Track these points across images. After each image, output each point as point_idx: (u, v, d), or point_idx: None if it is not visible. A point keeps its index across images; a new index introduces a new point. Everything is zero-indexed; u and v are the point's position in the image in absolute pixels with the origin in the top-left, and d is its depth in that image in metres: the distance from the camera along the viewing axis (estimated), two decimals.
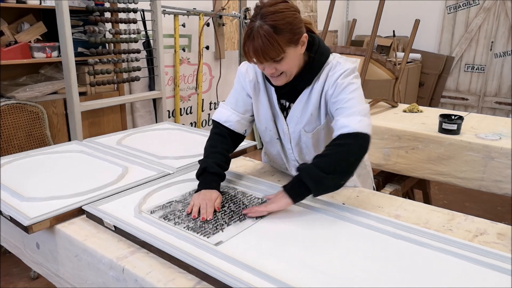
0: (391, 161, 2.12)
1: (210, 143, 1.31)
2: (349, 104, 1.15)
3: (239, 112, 1.33)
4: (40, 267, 1.24)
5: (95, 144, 1.72)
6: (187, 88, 3.48)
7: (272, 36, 1.06)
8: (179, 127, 2.01)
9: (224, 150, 1.28)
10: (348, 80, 1.16)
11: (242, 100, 1.33)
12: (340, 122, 1.14)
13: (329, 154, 1.10)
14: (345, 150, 1.10)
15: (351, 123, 1.12)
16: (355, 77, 1.18)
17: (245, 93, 1.32)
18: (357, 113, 1.13)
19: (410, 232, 1.03)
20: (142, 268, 0.93)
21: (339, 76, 1.16)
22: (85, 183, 1.32)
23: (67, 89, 2.41)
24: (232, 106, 1.34)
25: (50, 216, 1.10)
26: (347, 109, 1.15)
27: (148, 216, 1.11)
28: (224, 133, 1.31)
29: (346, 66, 1.17)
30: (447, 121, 1.95)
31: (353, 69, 1.18)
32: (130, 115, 3.15)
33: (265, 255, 0.94)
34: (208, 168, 1.21)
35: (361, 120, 1.12)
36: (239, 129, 1.33)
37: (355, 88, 1.16)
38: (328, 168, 1.06)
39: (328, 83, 1.18)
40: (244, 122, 1.34)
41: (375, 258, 0.93)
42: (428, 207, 1.24)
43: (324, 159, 1.09)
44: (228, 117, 1.32)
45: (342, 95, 1.16)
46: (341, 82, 1.16)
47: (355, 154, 1.11)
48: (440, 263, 0.92)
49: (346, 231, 1.05)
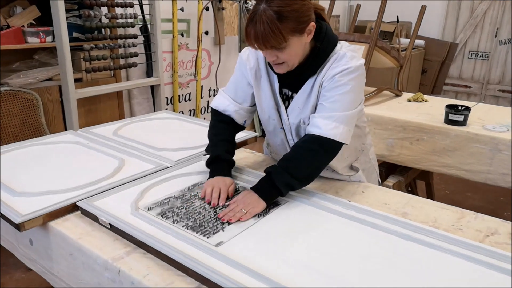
0: (395, 152, 2.07)
1: (215, 131, 1.29)
2: (332, 106, 1.10)
3: (238, 102, 1.28)
4: (34, 264, 1.20)
5: (91, 135, 1.66)
6: (186, 75, 3.41)
7: (275, 24, 0.99)
8: (177, 117, 1.95)
9: (229, 137, 1.28)
10: (346, 79, 1.10)
11: (241, 89, 1.28)
12: (315, 120, 1.12)
13: (297, 158, 1.11)
14: (311, 157, 1.11)
15: (324, 127, 1.09)
16: (357, 77, 1.11)
17: (245, 81, 1.26)
18: (334, 118, 1.09)
19: (419, 232, 0.99)
20: (138, 270, 0.88)
21: (339, 72, 1.10)
22: (80, 176, 1.26)
23: (62, 76, 2.34)
24: (231, 95, 1.29)
25: (43, 213, 1.06)
26: (327, 110, 1.11)
27: (145, 213, 1.06)
28: (227, 120, 1.29)
29: (351, 63, 1.10)
30: (453, 112, 1.90)
31: (357, 68, 1.10)
32: (128, 102, 3.08)
33: (268, 257, 0.89)
34: (221, 156, 1.22)
35: (335, 127, 1.09)
36: (238, 119, 1.29)
37: (348, 90, 1.10)
38: (296, 173, 1.09)
39: (328, 74, 1.12)
40: (242, 113, 1.29)
41: (383, 261, 0.89)
42: (436, 204, 1.19)
43: (292, 164, 1.10)
44: (226, 107, 1.28)
45: (332, 93, 1.11)
46: (338, 80, 1.10)
47: (320, 162, 1.13)
48: (451, 266, 0.88)
49: (353, 231, 1.00)
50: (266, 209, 1.08)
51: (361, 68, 1.11)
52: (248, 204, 1.05)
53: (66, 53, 2.24)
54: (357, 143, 1.31)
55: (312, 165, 1.11)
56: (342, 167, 1.29)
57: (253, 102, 1.30)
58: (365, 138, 1.36)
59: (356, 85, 1.11)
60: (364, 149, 1.37)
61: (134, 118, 1.90)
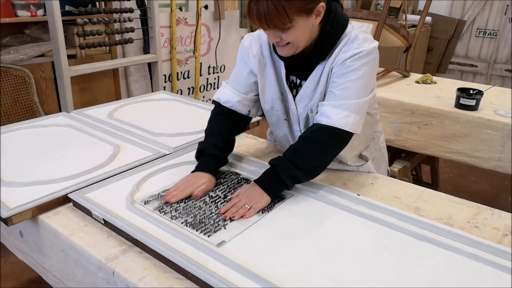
0: (402, 137, 1.99)
1: (210, 124, 1.20)
2: (343, 93, 1.01)
3: (241, 92, 1.19)
4: (25, 256, 1.14)
5: (84, 117, 1.58)
6: (185, 51, 3.28)
7: (280, 2, 0.90)
8: (175, 98, 1.86)
9: (224, 131, 1.17)
10: (358, 64, 1.00)
11: (243, 79, 1.19)
12: (324, 109, 1.03)
13: (304, 150, 1.02)
14: (320, 148, 1.03)
15: (334, 116, 1.01)
16: (370, 61, 1.02)
17: (247, 70, 1.17)
18: (345, 106, 1.00)
19: (435, 231, 0.92)
20: (134, 272, 0.82)
21: (351, 56, 1.00)
22: (72, 164, 1.19)
23: (54, 52, 2.22)
24: (233, 85, 1.20)
25: (32, 205, 0.99)
26: (337, 98, 1.02)
27: (142, 207, 1.00)
28: (225, 113, 1.20)
29: (363, 47, 1.00)
30: (465, 96, 1.81)
31: (370, 51, 1.01)
32: (124, 80, 2.97)
33: (274, 259, 0.83)
34: (205, 149, 1.13)
35: (346, 116, 1.00)
36: (241, 109, 1.20)
37: (361, 75, 1.01)
38: (303, 165, 1.01)
39: (338, 59, 1.02)
40: (246, 103, 1.20)
41: (397, 264, 0.82)
42: (450, 198, 1.12)
43: (299, 156, 1.02)
44: (228, 97, 1.19)
45: (343, 79, 1.02)
46: (350, 64, 1.00)
47: (329, 154, 1.06)
48: (470, 270, 0.81)
49: (363, 230, 0.93)
50: (271, 204, 1.01)
51: (374, 52, 1.02)
52: (252, 199, 0.98)
53: (58, 28, 2.12)
54: (368, 132, 1.23)
55: (321, 157, 1.03)
56: (351, 157, 1.22)
57: (258, 92, 1.21)
58: (376, 126, 1.29)
59: (369, 70, 1.02)
60: (375, 137, 1.29)
61: (130, 99, 1.81)
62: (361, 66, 1.00)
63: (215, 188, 1.08)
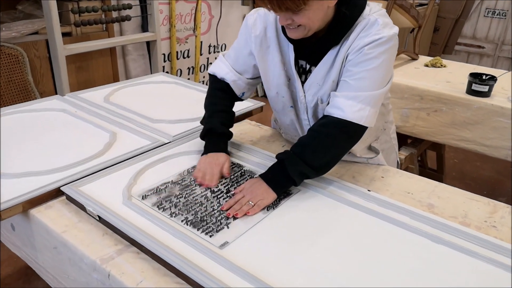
0: (410, 123, 1.92)
1: (211, 100, 1.16)
2: (358, 84, 0.93)
3: (238, 71, 1.14)
4: (18, 250, 1.09)
5: (80, 101, 1.50)
6: (184, 29, 3.16)
7: None
8: (175, 80, 1.78)
9: (227, 107, 1.16)
10: (377, 52, 0.92)
11: (242, 58, 1.12)
12: (336, 100, 0.95)
13: (314, 144, 0.95)
14: (331, 143, 0.96)
15: (347, 109, 0.93)
16: (389, 49, 0.93)
17: (248, 50, 1.10)
18: (360, 98, 0.93)
19: (450, 232, 0.87)
20: (131, 275, 0.77)
21: (370, 42, 0.92)
22: (65, 154, 1.12)
23: (48, 30, 2.12)
24: (231, 62, 1.14)
25: (23, 199, 0.93)
26: (352, 89, 0.94)
27: (139, 203, 0.94)
28: (224, 87, 1.15)
29: (383, 33, 0.91)
30: (478, 82, 1.73)
31: (391, 38, 0.92)
32: (122, 59, 2.87)
33: (280, 263, 0.77)
34: (215, 128, 1.11)
35: (361, 109, 0.93)
36: (236, 90, 1.15)
37: (379, 65, 0.93)
38: (312, 161, 0.95)
39: (355, 45, 0.94)
40: (241, 84, 1.14)
41: (411, 268, 0.77)
42: (465, 194, 1.07)
43: (309, 151, 0.95)
44: (224, 75, 1.14)
45: (359, 68, 0.93)
46: (368, 52, 0.92)
47: (341, 149, 0.99)
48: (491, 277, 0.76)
49: (375, 231, 0.88)
50: (276, 200, 0.95)
51: (394, 38, 0.94)
52: (256, 195, 0.92)
53: (51, 4, 2.02)
54: (380, 123, 1.16)
55: (331, 153, 0.96)
56: (360, 149, 1.16)
57: (255, 74, 1.14)
58: (388, 116, 1.22)
59: (388, 59, 0.94)
60: (386, 127, 1.22)
61: (127, 82, 1.73)
62: (380, 54, 0.92)
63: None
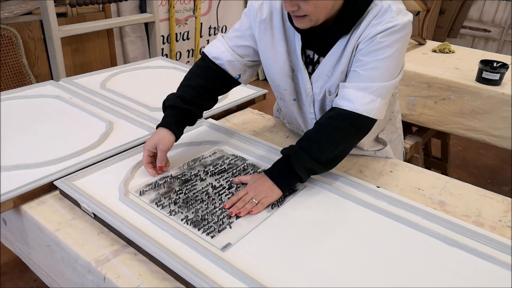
0: (416, 111, 1.86)
1: (187, 75, 1.06)
2: (370, 74, 0.88)
3: (236, 52, 1.03)
4: (11, 245, 1.05)
5: (75, 86, 1.44)
6: (184, 10, 3.06)
7: None
8: (174, 65, 1.71)
9: (199, 86, 1.02)
10: (390, 40, 0.86)
11: (244, 40, 1.03)
12: (346, 91, 0.89)
13: (322, 138, 0.90)
14: (339, 137, 0.91)
15: (357, 101, 0.88)
16: (403, 37, 0.88)
17: (249, 33, 1.02)
18: (371, 90, 0.87)
19: (465, 234, 0.82)
20: (128, 278, 0.73)
21: (383, 30, 0.86)
22: (59, 144, 1.07)
23: (42, 10, 2.04)
24: (230, 43, 1.04)
25: (14, 195, 0.88)
26: (363, 80, 0.88)
27: (136, 199, 0.89)
28: (209, 67, 1.04)
29: (397, 20, 0.85)
30: (489, 70, 1.66)
31: (405, 26, 0.87)
32: (119, 41, 2.78)
33: (286, 265, 0.73)
34: (165, 101, 1.01)
35: (371, 101, 0.88)
36: (231, 71, 1.04)
37: (391, 54, 0.87)
38: (319, 156, 0.89)
39: (366, 34, 0.88)
40: (238, 65, 1.04)
41: (423, 271, 0.73)
42: (478, 190, 1.02)
43: (316, 145, 0.90)
44: (219, 54, 1.03)
45: (370, 57, 0.88)
46: (380, 41, 0.86)
47: (349, 142, 0.94)
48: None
49: (385, 231, 0.83)
50: (281, 197, 0.90)
51: (408, 26, 0.87)
52: (260, 192, 0.87)
53: None
54: (386, 113, 1.10)
55: (340, 147, 0.91)
56: (368, 142, 1.11)
57: (256, 58, 1.06)
58: (395, 105, 1.16)
59: (401, 48, 0.88)
60: (392, 117, 1.17)
61: (125, 66, 1.66)
62: (393, 42, 0.86)
63: (219, 176, 0.97)
